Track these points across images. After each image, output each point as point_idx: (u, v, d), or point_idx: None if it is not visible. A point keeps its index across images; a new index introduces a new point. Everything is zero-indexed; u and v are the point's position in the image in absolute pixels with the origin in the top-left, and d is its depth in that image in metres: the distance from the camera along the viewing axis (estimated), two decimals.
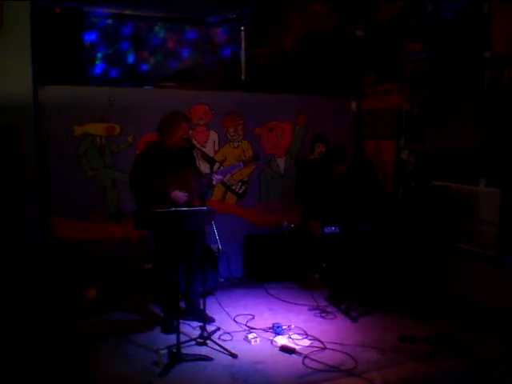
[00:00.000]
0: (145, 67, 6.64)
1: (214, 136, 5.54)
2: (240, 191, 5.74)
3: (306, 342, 3.87)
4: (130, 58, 6.55)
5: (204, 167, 4.74)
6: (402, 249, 4.68)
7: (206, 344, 3.79)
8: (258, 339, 3.90)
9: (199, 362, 3.52)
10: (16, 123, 4.48)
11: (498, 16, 4.38)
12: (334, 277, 5.00)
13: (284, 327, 4.09)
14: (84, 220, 4.96)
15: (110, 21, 6.35)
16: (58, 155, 4.84)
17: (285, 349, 3.74)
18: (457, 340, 3.78)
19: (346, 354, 3.65)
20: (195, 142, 5.09)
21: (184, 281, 4.29)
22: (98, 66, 6.34)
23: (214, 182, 4.25)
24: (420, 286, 4.58)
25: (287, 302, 4.85)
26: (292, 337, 3.96)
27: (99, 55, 6.34)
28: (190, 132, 5.20)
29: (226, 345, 3.78)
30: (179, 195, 4.02)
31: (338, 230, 4.47)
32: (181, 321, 3.84)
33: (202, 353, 3.64)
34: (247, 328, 4.16)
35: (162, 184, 3.99)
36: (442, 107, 5.00)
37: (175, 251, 3.75)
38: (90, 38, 6.17)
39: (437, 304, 4.54)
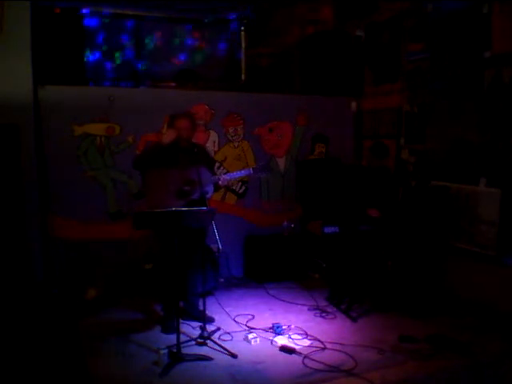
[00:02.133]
0: (145, 67, 6.64)
1: (214, 136, 5.54)
2: (240, 191, 5.74)
3: (306, 342, 3.88)
4: (131, 58, 6.55)
5: None
6: (402, 249, 4.68)
7: (206, 344, 3.79)
8: (257, 339, 3.90)
9: (199, 362, 3.52)
10: (16, 123, 4.48)
11: (498, 16, 4.37)
12: (333, 277, 5.00)
13: (284, 327, 4.09)
14: (84, 220, 4.96)
15: (109, 21, 6.34)
16: (57, 155, 4.84)
17: (285, 349, 3.74)
18: (457, 340, 3.78)
19: (346, 354, 3.65)
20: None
21: (183, 281, 4.28)
22: (98, 66, 6.34)
23: (220, 183, 4.25)
24: (420, 286, 4.58)
25: (287, 302, 4.85)
26: (292, 337, 3.96)
27: (99, 55, 6.33)
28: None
29: (226, 345, 3.78)
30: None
31: (337, 230, 4.47)
32: (181, 321, 3.84)
33: (202, 353, 3.64)
34: (247, 328, 4.16)
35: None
36: (441, 107, 5.00)
37: (175, 251, 3.75)
38: (89, 38, 6.16)
39: (437, 304, 4.54)
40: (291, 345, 3.81)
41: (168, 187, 4.04)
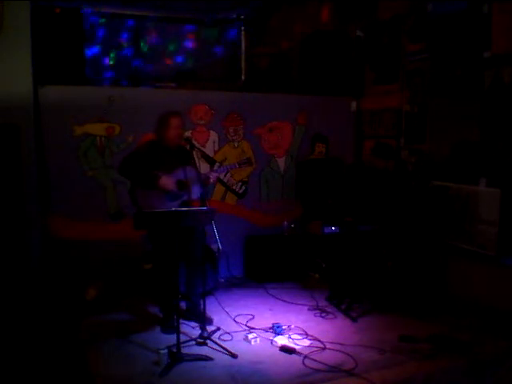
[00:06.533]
0: (145, 67, 6.64)
1: (214, 136, 5.54)
2: (240, 191, 5.74)
3: (306, 342, 3.87)
4: (130, 58, 6.55)
5: (204, 167, 4.75)
6: (402, 249, 4.68)
7: (206, 344, 3.79)
8: (258, 339, 3.90)
9: (199, 362, 3.52)
10: (16, 123, 4.47)
11: (498, 16, 4.38)
12: (334, 277, 5.00)
13: (284, 327, 4.08)
14: (84, 220, 4.96)
15: (109, 20, 6.34)
16: (57, 155, 4.84)
17: (285, 349, 3.74)
18: (457, 340, 3.78)
19: (346, 354, 3.65)
20: (195, 142, 5.09)
21: (184, 281, 4.28)
22: (98, 66, 6.34)
23: (211, 180, 4.25)
24: (420, 286, 4.58)
25: (287, 301, 4.85)
26: (292, 337, 3.96)
27: (99, 55, 6.33)
28: (190, 132, 5.23)
29: (226, 345, 3.78)
30: (168, 182, 3.98)
31: (337, 230, 4.47)
32: (181, 321, 3.84)
33: (202, 353, 3.64)
34: (247, 328, 4.16)
35: (155, 175, 3.97)
36: (441, 107, 5.00)
37: (174, 251, 3.75)
38: (89, 38, 6.16)
39: (437, 304, 4.54)
40: (291, 345, 3.80)
41: (160, 190, 4.02)
